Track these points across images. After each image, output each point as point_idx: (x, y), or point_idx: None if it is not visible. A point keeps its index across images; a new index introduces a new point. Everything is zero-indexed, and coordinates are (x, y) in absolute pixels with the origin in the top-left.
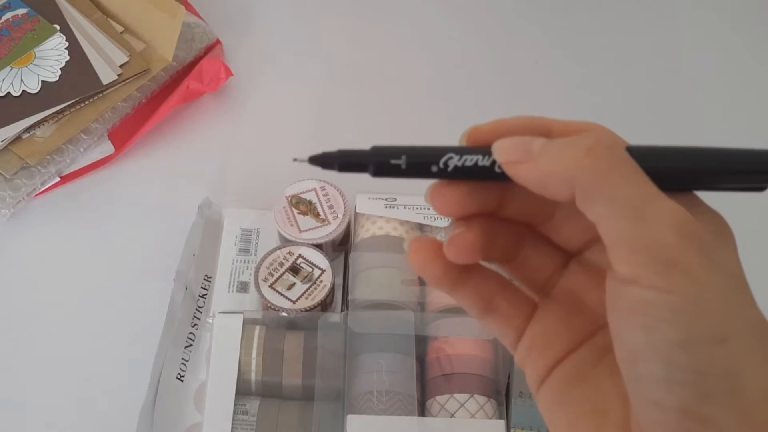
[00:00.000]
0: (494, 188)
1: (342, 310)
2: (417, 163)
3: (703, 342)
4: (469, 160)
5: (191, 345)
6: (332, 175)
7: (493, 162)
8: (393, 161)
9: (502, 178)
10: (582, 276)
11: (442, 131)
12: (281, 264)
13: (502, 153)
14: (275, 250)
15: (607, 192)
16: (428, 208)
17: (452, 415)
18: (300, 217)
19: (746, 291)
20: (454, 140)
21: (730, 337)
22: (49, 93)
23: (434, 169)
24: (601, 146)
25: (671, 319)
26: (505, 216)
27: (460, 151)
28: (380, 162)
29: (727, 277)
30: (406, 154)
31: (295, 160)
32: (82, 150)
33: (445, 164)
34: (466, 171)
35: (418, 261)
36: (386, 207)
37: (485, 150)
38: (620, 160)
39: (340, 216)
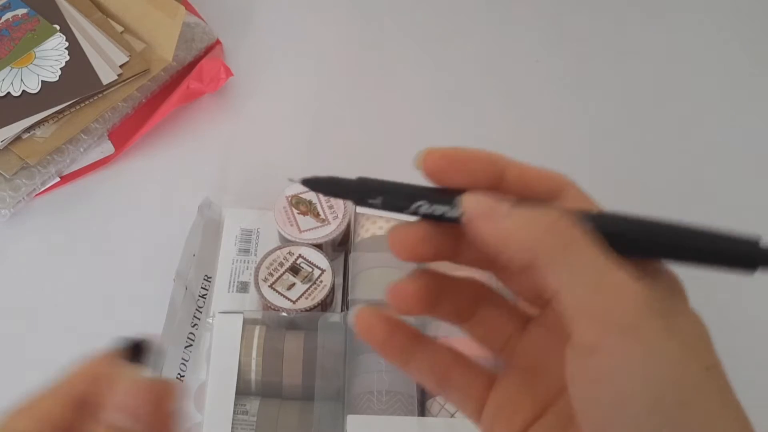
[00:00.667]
0: (454, 233)
1: (342, 310)
2: (391, 204)
3: (668, 408)
4: (438, 210)
5: (191, 345)
6: None
7: (462, 214)
8: (370, 201)
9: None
10: (541, 338)
11: (441, 131)
12: (281, 264)
13: (469, 208)
14: (275, 250)
15: (566, 265)
16: None
17: (452, 415)
18: (300, 217)
19: (705, 351)
20: (452, 140)
21: (694, 400)
22: (49, 93)
23: (406, 212)
24: (563, 223)
25: (634, 388)
26: (463, 261)
27: (432, 198)
28: (359, 198)
29: (684, 342)
30: (383, 194)
31: (290, 180)
32: (82, 150)
33: (416, 210)
34: (435, 217)
35: (360, 328)
36: None
37: (453, 199)
38: (581, 235)
39: (340, 216)
